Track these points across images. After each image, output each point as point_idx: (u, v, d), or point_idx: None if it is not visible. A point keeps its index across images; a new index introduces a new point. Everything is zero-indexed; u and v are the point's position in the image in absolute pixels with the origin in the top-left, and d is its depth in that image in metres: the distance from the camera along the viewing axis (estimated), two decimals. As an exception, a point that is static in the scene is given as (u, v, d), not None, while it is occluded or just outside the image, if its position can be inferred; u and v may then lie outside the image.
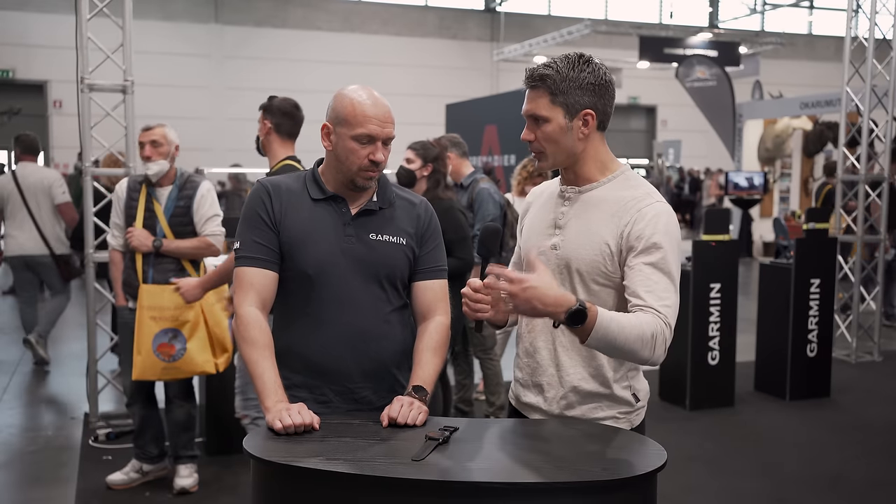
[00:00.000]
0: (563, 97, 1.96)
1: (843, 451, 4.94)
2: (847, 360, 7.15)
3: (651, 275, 1.91)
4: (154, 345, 3.83)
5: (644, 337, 1.84)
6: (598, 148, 2.04)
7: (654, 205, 1.97)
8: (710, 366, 5.62)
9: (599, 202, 2.01)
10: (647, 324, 1.85)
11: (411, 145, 4.31)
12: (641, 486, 1.73)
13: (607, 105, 2.01)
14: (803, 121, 14.97)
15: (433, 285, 2.25)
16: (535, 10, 26.27)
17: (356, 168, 2.13)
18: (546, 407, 2.07)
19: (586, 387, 2.02)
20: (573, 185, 2.06)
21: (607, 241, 1.96)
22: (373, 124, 2.11)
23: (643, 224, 1.93)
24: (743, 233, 14.61)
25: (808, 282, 5.88)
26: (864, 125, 7.28)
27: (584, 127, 1.99)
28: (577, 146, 2.00)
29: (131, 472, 4.16)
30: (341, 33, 23.90)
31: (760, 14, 27.97)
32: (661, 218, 1.95)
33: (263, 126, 3.50)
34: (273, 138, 3.49)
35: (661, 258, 1.92)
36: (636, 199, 1.98)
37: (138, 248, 3.87)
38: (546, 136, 1.99)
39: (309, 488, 1.74)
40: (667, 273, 1.92)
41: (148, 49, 16.68)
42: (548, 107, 1.97)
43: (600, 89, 1.98)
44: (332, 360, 2.15)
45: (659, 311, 1.88)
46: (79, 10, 5.00)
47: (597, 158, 2.04)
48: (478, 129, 13.38)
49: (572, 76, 1.95)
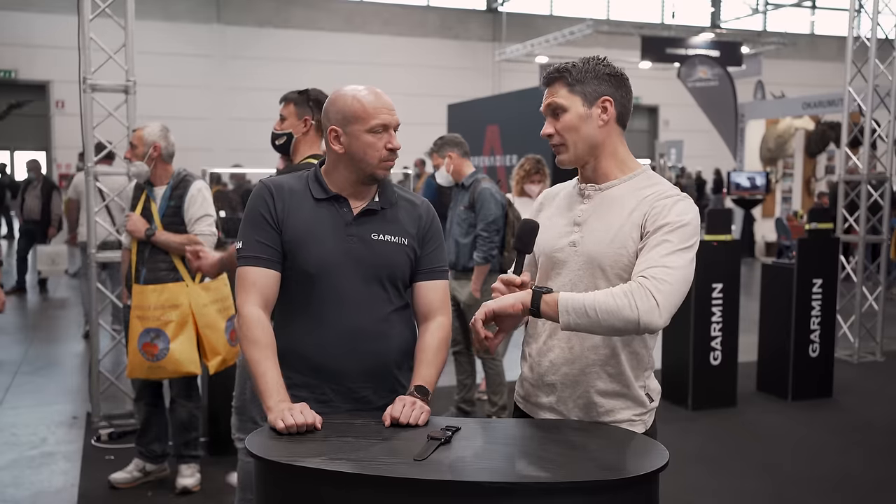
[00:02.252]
0: (580, 86, 1.98)
1: (845, 451, 4.94)
2: (849, 360, 7.15)
3: (654, 247, 1.88)
4: (139, 343, 3.87)
5: (616, 296, 1.82)
6: (618, 144, 2.04)
7: (674, 197, 1.96)
8: (712, 366, 5.61)
9: (620, 199, 2.00)
10: (617, 288, 1.85)
11: None
12: (643, 486, 1.73)
13: (625, 98, 2.02)
14: (805, 121, 14.97)
15: (434, 286, 2.26)
16: (536, 10, 26.26)
17: (377, 161, 2.15)
18: (560, 407, 2.05)
19: (606, 387, 2.01)
20: (593, 182, 2.06)
21: (631, 236, 1.95)
22: (383, 114, 2.14)
23: (659, 208, 1.93)
24: (745, 233, 14.60)
25: (811, 282, 5.88)
26: (867, 125, 7.27)
27: (603, 114, 1.99)
28: (597, 135, 2.00)
29: (134, 472, 4.17)
30: (343, 33, 23.90)
31: (762, 14, 27.95)
32: (680, 204, 1.93)
33: (303, 123, 3.14)
34: (311, 136, 3.17)
35: (665, 237, 1.88)
36: (656, 194, 1.97)
37: (133, 231, 3.93)
38: (565, 126, 2.00)
39: (311, 487, 1.74)
40: (671, 246, 1.88)
41: (149, 49, 16.69)
42: (566, 95, 1.99)
43: (617, 81, 2.01)
44: (332, 360, 2.15)
45: (644, 278, 1.84)
46: (81, 10, 5.01)
47: (616, 156, 2.04)
48: (479, 129, 13.37)
49: (588, 68, 2.00)
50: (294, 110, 3.15)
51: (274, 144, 3.21)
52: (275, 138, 3.20)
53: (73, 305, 7.09)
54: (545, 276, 2.11)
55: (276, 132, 3.19)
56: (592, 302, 1.84)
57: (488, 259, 4.90)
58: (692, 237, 1.92)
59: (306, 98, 3.15)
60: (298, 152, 3.16)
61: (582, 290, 1.97)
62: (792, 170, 15.60)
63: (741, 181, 14.55)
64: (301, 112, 3.14)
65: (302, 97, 3.16)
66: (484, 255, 4.90)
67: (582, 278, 2.01)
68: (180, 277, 3.93)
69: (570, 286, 2.01)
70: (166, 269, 3.93)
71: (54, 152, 21.46)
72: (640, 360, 2.02)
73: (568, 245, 2.04)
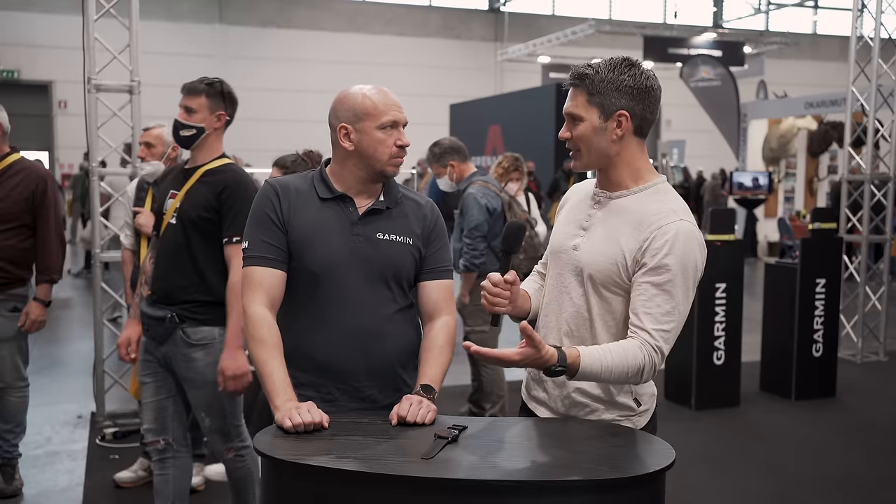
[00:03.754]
0: (599, 97, 1.96)
1: (848, 451, 4.94)
2: (853, 360, 7.14)
3: (655, 296, 1.91)
4: None
5: (630, 371, 1.90)
6: (635, 154, 2.02)
7: (676, 223, 1.93)
8: (715, 366, 5.61)
9: (625, 211, 2.00)
10: (633, 358, 1.90)
11: (277, 162, 3.84)
12: (650, 485, 1.74)
13: (646, 111, 1.98)
14: (808, 121, 14.96)
15: (439, 285, 2.26)
16: (539, 9, 26.25)
17: (387, 157, 2.16)
18: (551, 404, 2.10)
19: (589, 390, 2.04)
20: (605, 189, 2.06)
21: (624, 253, 1.95)
22: (393, 110, 2.16)
23: (659, 242, 1.91)
24: (748, 233, 14.60)
25: (814, 282, 5.88)
26: (870, 125, 7.27)
27: (617, 129, 1.97)
28: (610, 148, 1.99)
29: (139, 471, 4.18)
30: (345, 33, 23.91)
31: (765, 14, 27.91)
32: (679, 238, 1.91)
33: (217, 118, 2.98)
34: (220, 133, 3.03)
35: (667, 280, 1.90)
36: (659, 215, 1.95)
37: (143, 225, 3.90)
38: (580, 136, 2.00)
39: (318, 486, 1.75)
40: (672, 296, 1.91)
41: (153, 49, 16.72)
42: (584, 106, 1.98)
43: (640, 93, 1.96)
44: (337, 359, 2.16)
45: (652, 336, 1.90)
46: (86, 10, 5.01)
47: (631, 165, 2.02)
48: (482, 129, 13.38)
49: (611, 77, 1.95)
50: (207, 103, 2.97)
51: (177, 136, 3.01)
52: (180, 128, 2.99)
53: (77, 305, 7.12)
54: (549, 275, 2.15)
55: (184, 123, 2.98)
56: (609, 373, 1.90)
57: (470, 267, 4.78)
58: (693, 277, 1.94)
59: (219, 92, 2.99)
60: (206, 148, 2.99)
61: (574, 297, 2.03)
62: (794, 170, 15.60)
63: (744, 181, 14.54)
64: (214, 106, 2.98)
65: (214, 90, 2.98)
66: (466, 262, 4.78)
67: (575, 285, 2.03)
68: None
69: (566, 290, 2.05)
70: None
71: (57, 152, 21.49)
72: None
73: (571, 248, 2.06)
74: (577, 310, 2.03)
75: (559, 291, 2.08)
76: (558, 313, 2.08)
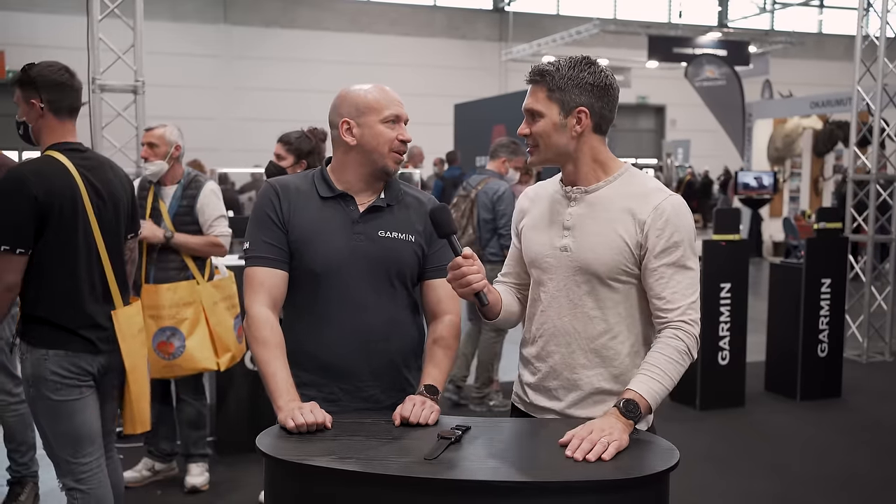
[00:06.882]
0: (559, 93, 1.98)
1: (853, 451, 4.92)
2: (858, 360, 7.12)
3: (674, 275, 1.96)
4: (154, 343, 3.86)
5: (684, 365, 1.96)
6: (597, 148, 2.04)
7: (667, 199, 1.99)
8: (720, 366, 5.60)
9: (609, 200, 2.01)
10: (679, 352, 1.94)
11: (281, 138, 3.82)
12: (654, 485, 1.73)
13: (605, 108, 2.01)
14: (813, 120, 14.91)
15: (443, 283, 2.23)
16: (543, 9, 26.22)
17: (388, 151, 2.16)
18: (561, 409, 2.07)
19: (609, 387, 2.02)
20: (576, 185, 2.06)
21: (625, 239, 1.97)
22: (395, 105, 2.17)
23: (660, 222, 1.96)
24: (753, 232, 14.56)
25: (819, 281, 5.86)
26: (876, 124, 7.25)
27: (577, 125, 1.99)
28: (569, 144, 2.01)
29: (143, 471, 4.18)
30: (349, 33, 23.91)
31: (770, 13, 27.85)
32: (677, 212, 1.98)
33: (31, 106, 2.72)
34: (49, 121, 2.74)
35: (681, 255, 1.97)
36: (647, 196, 1.99)
37: (149, 238, 3.87)
38: (539, 131, 2.01)
39: (321, 486, 1.75)
40: (688, 269, 1.98)
41: (157, 50, 16.74)
42: (544, 102, 2.00)
43: (599, 91, 1.99)
44: (340, 359, 2.15)
45: (684, 313, 1.96)
46: (90, 11, 5.02)
47: (597, 159, 2.04)
48: (486, 129, 13.38)
49: (571, 74, 1.98)
50: (21, 95, 2.74)
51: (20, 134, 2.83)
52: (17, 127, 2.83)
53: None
54: (537, 284, 2.11)
55: (17, 120, 2.81)
56: (670, 381, 1.94)
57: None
58: (694, 242, 2.02)
59: (29, 78, 2.71)
60: (42, 140, 2.77)
61: (574, 298, 2.01)
62: (800, 169, 15.55)
63: (749, 181, 14.51)
64: (27, 95, 2.72)
65: (26, 77, 2.72)
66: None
67: (574, 285, 2.02)
68: (191, 276, 3.97)
69: (564, 293, 2.03)
70: (176, 269, 3.95)
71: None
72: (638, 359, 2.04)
73: (559, 250, 2.04)
74: (588, 316, 2.01)
75: (570, 307, 2.03)
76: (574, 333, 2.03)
